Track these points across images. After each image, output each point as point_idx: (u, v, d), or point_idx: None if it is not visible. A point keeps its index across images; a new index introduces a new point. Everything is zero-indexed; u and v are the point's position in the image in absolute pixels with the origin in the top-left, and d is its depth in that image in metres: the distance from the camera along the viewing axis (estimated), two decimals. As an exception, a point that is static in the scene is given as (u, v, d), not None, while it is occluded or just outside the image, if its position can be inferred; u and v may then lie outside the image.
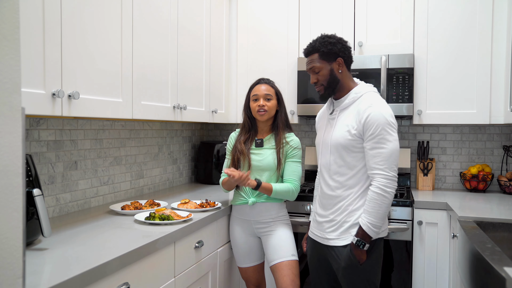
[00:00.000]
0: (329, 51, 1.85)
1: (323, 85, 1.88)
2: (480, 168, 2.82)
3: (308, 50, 1.90)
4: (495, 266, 1.26)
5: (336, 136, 1.85)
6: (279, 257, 2.11)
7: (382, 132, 1.74)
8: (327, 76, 1.86)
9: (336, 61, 1.86)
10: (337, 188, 1.87)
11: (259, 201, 2.17)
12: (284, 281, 2.06)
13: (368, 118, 1.75)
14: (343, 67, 1.87)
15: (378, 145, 1.75)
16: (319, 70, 1.87)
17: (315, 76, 1.89)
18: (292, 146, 2.17)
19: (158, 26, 2.13)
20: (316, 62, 1.87)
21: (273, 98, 2.20)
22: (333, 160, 1.87)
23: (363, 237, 1.76)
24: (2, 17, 0.80)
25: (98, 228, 1.73)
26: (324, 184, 1.92)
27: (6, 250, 0.82)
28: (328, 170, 1.90)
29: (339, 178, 1.86)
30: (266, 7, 3.00)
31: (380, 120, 1.74)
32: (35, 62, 1.37)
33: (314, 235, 1.98)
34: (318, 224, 1.95)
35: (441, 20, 2.66)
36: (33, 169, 1.44)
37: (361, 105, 1.80)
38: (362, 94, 1.85)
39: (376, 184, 1.75)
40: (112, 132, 2.33)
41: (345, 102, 1.87)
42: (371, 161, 1.77)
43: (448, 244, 2.38)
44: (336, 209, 1.87)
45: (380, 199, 1.74)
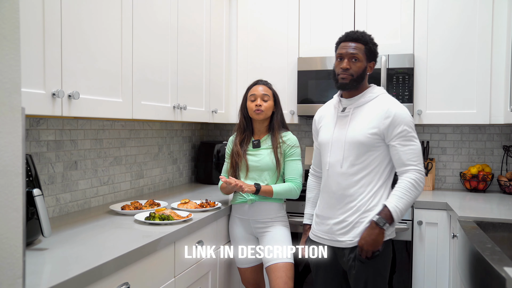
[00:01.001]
0: (374, 51, 1.88)
1: (352, 75, 1.83)
2: (480, 168, 2.82)
3: (357, 37, 1.85)
4: (495, 266, 1.26)
5: (354, 134, 1.82)
6: (274, 259, 2.10)
7: (410, 130, 1.79)
8: (361, 70, 1.84)
9: (371, 62, 1.89)
10: (349, 187, 1.82)
11: (258, 200, 2.17)
12: (277, 283, 2.05)
13: (395, 117, 1.78)
14: (371, 71, 1.91)
15: (408, 143, 1.78)
16: (358, 61, 1.84)
17: (350, 63, 1.83)
18: (289, 145, 2.18)
19: (158, 26, 2.13)
20: (360, 53, 1.84)
21: (270, 99, 2.21)
22: (346, 157, 1.83)
23: (386, 217, 1.73)
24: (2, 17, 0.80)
25: (98, 228, 1.73)
26: (334, 183, 1.86)
27: (6, 250, 0.82)
28: (340, 168, 1.85)
29: (352, 176, 1.82)
30: (266, 7, 2.99)
31: (407, 119, 1.80)
32: (35, 62, 1.37)
33: (320, 238, 1.92)
34: (325, 227, 1.89)
35: (441, 20, 2.66)
36: (33, 169, 1.44)
37: (383, 105, 1.81)
38: (378, 95, 1.87)
39: (411, 176, 1.76)
40: (112, 132, 2.33)
41: (361, 100, 1.86)
42: (403, 157, 1.77)
43: (448, 244, 2.38)
44: (347, 209, 1.83)
45: (413, 191, 1.76)
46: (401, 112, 1.80)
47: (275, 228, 2.17)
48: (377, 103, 1.84)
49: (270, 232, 2.16)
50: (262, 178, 2.18)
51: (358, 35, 1.85)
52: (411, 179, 1.76)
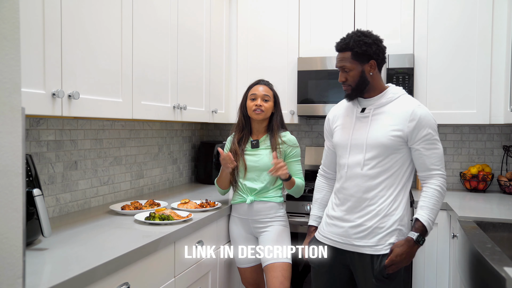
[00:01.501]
0: (363, 52, 1.73)
1: (351, 86, 1.77)
2: (480, 168, 2.82)
3: (341, 46, 1.77)
4: (495, 266, 1.26)
5: (376, 135, 1.73)
6: (272, 258, 2.10)
7: (434, 134, 1.72)
8: (357, 77, 1.75)
9: (368, 63, 1.75)
10: (369, 190, 1.74)
11: (257, 200, 2.17)
12: (273, 283, 2.06)
13: (420, 119, 1.70)
14: (374, 70, 1.76)
15: (432, 146, 1.72)
16: (349, 70, 1.75)
17: (344, 75, 1.77)
18: (290, 145, 2.19)
19: (158, 26, 2.13)
20: (347, 62, 1.75)
21: (270, 100, 2.21)
22: (368, 160, 1.74)
23: (422, 233, 1.69)
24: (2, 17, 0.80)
25: (98, 228, 1.73)
26: (353, 186, 1.77)
27: (6, 250, 0.82)
28: (360, 170, 1.76)
29: (372, 179, 1.74)
30: (266, 7, 2.99)
31: (431, 122, 1.73)
32: (35, 62, 1.37)
33: (332, 241, 1.81)
34: (339, 229, 1.79)
35: (441, 20, 2.66)
36: (33, 169, 1.44)
37: (407, 107, 1.73)
38: (400, 95, 1.78)
39: (437, 183, 1.72)
40: (112, 132, 2.33)
41: (381, 101, 1.77)
42: (427, 162, 1.73)
43: (448, 244, 2.38)
44: (365, 213, 1.74)
45: (440, 198, 1.73)
46: (426, 114, 1.72)
47: (273, 228, 2.17)
48: (399, 104, 1.75)
49: (269, 232, 2.16)
50: (261, 178, 2.18)
51: (342, 44, 1.77)
52: (437, 186, 1.72)
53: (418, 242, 1.69)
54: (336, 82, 2.76)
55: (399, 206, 1.74)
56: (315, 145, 3.21)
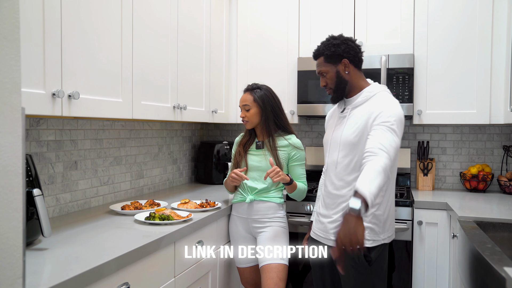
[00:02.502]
0: (332, 54, 1.83)
1: (331, 88, 1.87)
2: (480, 168, 2.82)
3: (315, 54, 1.91)
4: (495, 266, 1.26)
5: (347, 134, 1.80)
6: (268, 259, 2.10)
7: (395, 123, 1.65)
8: (334, 78, 1.84)
9: (341, 62, 1.83)
10: (342, 187, 1.82)
11: (257, 199, 2.18)
12: (268, 284, 2.06)
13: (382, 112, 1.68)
14: (349, 68, 1.83)
15: (390, 132, 1.63)
16: (326, 74, 1.86)
17: (323, 79, 1.88)
18: (293, 149, 2.20)
19: (158, 26, 2.13)
20: (322, 66, 1.87)
21: (251, 107, 2.20)
22: (341, 158, 1.82)
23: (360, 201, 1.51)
24: (2, 17, 0.80)
25: (98, 228, 1.73)
26: (330, 183, 1.88)
27: (6, 250, 0.82)
28: (335, 169, 1.85)
29: (345, 177, 1.81)
30: (266, 7, 3.00)
31: (396, 114, 1.68)
32: (35, 62, 1.37)
33: (317, 235, 1.94)
34: (321, 225, 1.91)
35: (441, 20, 2.66)
36: (33, 169, 1.44)
37: (375, 105, 1.75)
38: (376, 93, 1.81)
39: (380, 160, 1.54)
40: (112, 132, 2.33)
41: (358, 100, 1.83)
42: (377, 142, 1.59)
43: (448, 244, 2.38)
44: (340, 209, 1.82)
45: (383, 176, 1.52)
46: (390, 107, 1.70)
47: (271, 229, 2.17)
48: (372, 102, 1.78)
49: (266, 232, 2.16)
50: (262, 178, 2.19)
51: (315, 51, 1.89)
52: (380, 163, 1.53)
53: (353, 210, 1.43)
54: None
55: None
56: (315, 145, 3.21)
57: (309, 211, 2.53)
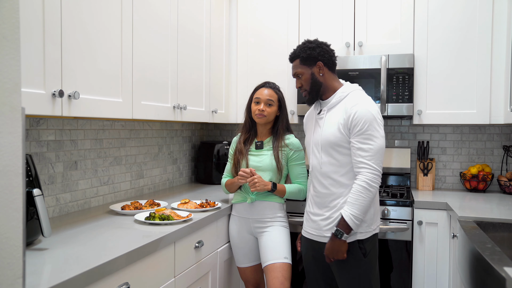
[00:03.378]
0: (308, 56, 1.90)
1: (306, 89, 1.94)
2: (480, 168, 2.82)
3: (291, 57, 1.98)
4: (495, 266, 1.26)
5: (326, 134, 1.88)
6: (272, 259, 2.10)
7: (370, 128, 1.78)
8: (309, 80, 1.92)
9: (316, 65, 1.91)
10: (331, 186, 1.89)
11: (258, 200, 2.18)
12: (273, 284, 2.06)
13: (355, 115, 1.79)
14: (323, 70, 1.91)
15: (366, 141, 1.78)
16: (301, 75, 1.93)
17: (299, 81, 1.96)
18: (291, 149, 2.19)
19: (158, 26, 2.13)
20: (298, 68, 1.94)
21: (274, 104, 2.20)
22: (324, 158, 1.90)
23: (343, 227, 1.77)
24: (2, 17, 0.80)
25: (98, 228, 1.73)
26: (318, 183, 1.94)
27: (6, 250, 0.82)
28: (320, 169, 1.92)
29: (332, 176, 1.88)
30: (266, 7, 3.00)
31: (367, 116, 1.79)
32: (35, 62, 1.37)
33: (309, 234, 1.98)
34: (314, 223, 1.96)
35: (441, 20, 2.66)
36: (33, 169, 1.44)
37: (348, 103, 1.84)
38: (348, 93, 1.89)
39: (362, 178, 1.77)
40: (112, 132, 2.33)
41: (332, 102, 1.91)
42: (358, 155, 1.79)
43: (448, 244, 2.38)
44: (332, 206, 1.89)
45: (365, 193, 1.77)
46: (363, 109, 1.79)
47: (273, 228, 2.17)
48: (345, 102, 1.87)
49: (269, 232, 2.16)
50: (264, 178, 2.18)
51: (291, 54, 1.97)
52: (362, 181, 1.77)
53: (336, 235, 1.78)
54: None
55: None
56: (315, 145, 3.20)
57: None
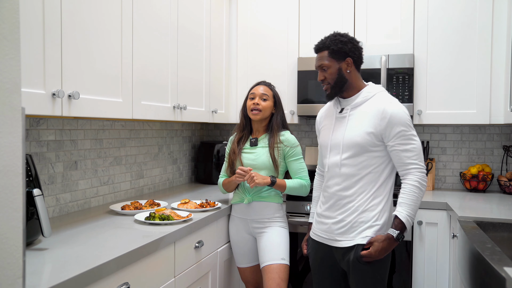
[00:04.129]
0: (339, 50, 1.82)
1: (330, 83, 1.85)
2: (480, 168, 2.82)
3: (318, 47, 1.87)
4: (495, 266, 1.26)
5: (351, 135, 1.80)
6: (269, 259, 2.10)
7: (409, 129, 1.76)
8: (335, 75, 1.83)
9: (345, 60, 1.83)
10: (348, 188, 1.82)
11: (255, 200, 2.17)
12: (269, 285, 2.05)
13: (393, 117, 1.74)
14: (351, 67, 1.84)
15: (407, 142, 1.75)
16: (327, 68, 1.84)
17: (323, 73, 1.86)
18: (287, 145, 2.18)
19: (158, 26, 2.13)
20: (325, 60, 1.84)
21: (269, 99, 2.21)
22: (345, 159, 1.82)
23: (401, 229, 1.72)
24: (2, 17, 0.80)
25: (98, 228, 1.73)
26: (334, 184, 1.86)
27: (6, 250, 0.82)
28: (339, 170, 1.84)
29: (351, 178, 1.81)
30: (266, 7, 3.00)
31: (404, 117, 1.76)
32: (35, 62, 1.37)
33: (319, 237, 1.91)
34: (325, 226, 1.88)
35: (441, 20, 2.66)
36: (33, 169, 1.44)
37: (379, 104, 1.78)
38: (375, 93, 1.84)
39: (414, 178, 1.75)
40: (112, 132, 2.33)
41: (357, 101, 1.84)
42: (404, 157, 1.75)
43: (448, 244, 2.38)
44: (345, 210, 1.81)
45: (418, 192, 1.75)
46: (397, 111, 1.76)
47: (272, 229, 2.16)
48: (373, 103, 1.81)
49: (267, 233, 2.16)
50: (258, 176, 2.18)
51: (319, 44, 1.87)
52: (414, 181, 1.75)
53: (398, 239, 1.73)
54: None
55: (379, 202, 1.80)
56: (315, 145, 3.21)
57: (309, 211, 2.52)
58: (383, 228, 1.79)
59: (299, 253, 2.62)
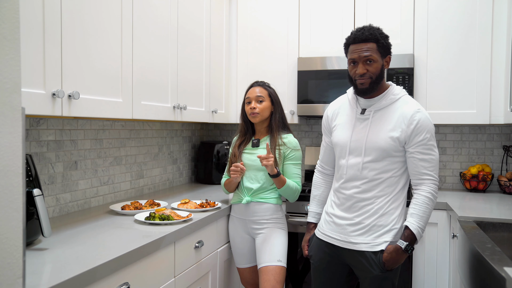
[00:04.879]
0: (387, 45, 1.75)
1: (371, 78, 1.73)
2: (480, 168, 2.82)
3: (366, 36, 1.72)
4: (495, 266, 1.26)
5: (375, 138, 1.74)
6: (265, 261, 2.09)
7: (431, 139, 1.72)
8: (378, 71, 1.73)
9: (386, 57, 1.77)
10: (367, 191, 1.76)
11: (254, 201, 2.17)
12: (265, 286, 2.05)
13: (419, 124, 1.70)
14: (388, 66, 1.78)
15: (428, 151, 1.71)
16: (374, 62, 1.72)
17: (365, 66, 1.72)
18: (289, 147, 2.17)
19: (158, 26, 2.13)
20: (374, 52, 1.71)
21: (265, 100, 2.20)
22: (367, 162, 1.76)
23: (411, 241, 1.69)
24: (2, 17, 0.80)
25: (98, 228, 1.73)
26: (352, 186, 1.79)
27: (6, 250, 0.82)
28: (359, 173, 1.78)
29: (371, 181, 1.76)
30: (266, 8, 3.00)
31: (429, 126, 1.72)
32: (35, 62, 1.37)
33: (330, 237, 1.84)
34: (338, 227, 1.81)
35: (441, 20, 2.66)
36: (33, 169, 1.44)
37: (407, 109, 1.73)
38: (401, 96, 1.78)
39: (427, 189, 1.72)
40: (112, 132, 2.33)
41: (382, 103, 1.77)
42: (421, 167, 1.72)
43: (448, 244, 2.38)
44: (363, 212, 1.76)
45: (431, 204, 1.72)
46: (426, 119, 1.72)
47: (270, 230, 2.15)
48: (399, 106, 1.75)
49: (265, 234, 2.15)
50: (258, 177, 2.18)
51: (366, 34, 1.72)
52: (427, 193, 1.72)
53: (406, 251, 1.70)
54: (336, 82, 2.76)
55: (398, 206, 1.77)
56: (315, 145, 3.21)
57: (309, 211, 2.52)
58: (400, 232, 1.76)
59: (299, 253, 2.62)
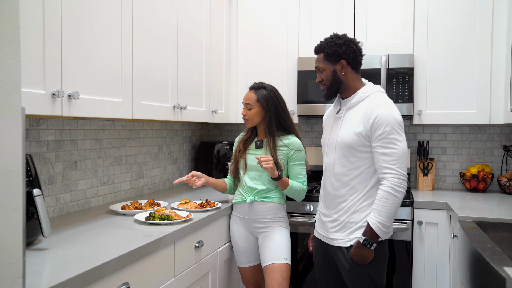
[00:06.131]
0: (333, 52, 1.85)
1: (326, 85, 1.90)
2: (480, 168, 2.82)
3: (315, 49, 1.93)
4: (495, 266, 1.26)
5: (342, 136, 1.84)
6: (270, 259, 2.10)
7: (392, 132, 1.73)
8: (330, 76, 1.88)
9: (339, 62, 1.86)
10: (341, 187, 1.86)
11: (257, 200, 2.17)
12: (271, 284, 2.06)
13: (377, 118, 1.74)
14: (346, 69, 1.86)
15: (389, 145, 1.73)
16: (323, 70, 1.89)
17: (319, 75, 1.91)
18: (292, 148, 2.18)
19: (158, 27, 2.13)
20: (321, 62, 1.90)
21: (253, 107, 2.19)
22: (337, 159, 1.86)
23: (371, 236, 1.73)
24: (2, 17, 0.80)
25: (98, 228, 1.73)
26: (329, 184, 1.92)
27: (6, 250, 0.82)
28: (332, 169, 1.89)
29: (343, 178, 1.85)
30: (266, 8, 3.00)
31: (389, 119, 1.74)
32: (35, 62, 1.37)
33: (319, 234, 1.98)
34: (323, 224, 1.95)
35: (441, 20, 2.66)
36: (33, 169, 1.44)
37: (369, 105, 1.79)
38: (369, 94, 1.84)
39: (387, 183, 1.73)
40: (112, 132, 2.33)
41: (352, 102, 1.86)
42: (381, 160, 1.75)
43: (448, 244, 2.38)
44: (339, 209, 1.86)
45: (391, 199, 1.72)
46: (385, 112, 1.74)
47: (273, 229, 2.17)
48: (365, 104, 1.81)
49: (269, 233, 2.16)
50: (262, 178, 2.18)
51: (316, 46, 1.92)
52: (387, 187, 1.73)
53: (365, 245, 1.74)
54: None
55: (371, 203, 1.81)
56: (315, 145, 3.21)
57: (309, 211, 2.53)
58: None
59: (299, 253, 2.62)
